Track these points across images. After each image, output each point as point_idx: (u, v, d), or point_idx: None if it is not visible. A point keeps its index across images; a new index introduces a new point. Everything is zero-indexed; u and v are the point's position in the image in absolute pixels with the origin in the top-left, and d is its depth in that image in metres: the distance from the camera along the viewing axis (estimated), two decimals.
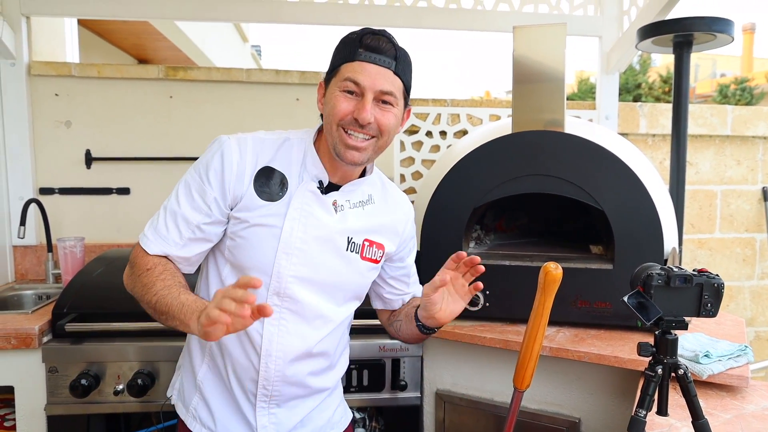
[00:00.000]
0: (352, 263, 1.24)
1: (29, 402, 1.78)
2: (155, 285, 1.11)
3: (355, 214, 1.24)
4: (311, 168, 1.20)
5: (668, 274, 0.99)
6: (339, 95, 1.13)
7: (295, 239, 1.16)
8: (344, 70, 1.13)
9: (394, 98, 1.14)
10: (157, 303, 1.09)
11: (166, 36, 5.02)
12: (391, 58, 1.12)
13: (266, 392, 1.23)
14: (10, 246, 2.40)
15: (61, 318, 1.79)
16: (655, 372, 1.01)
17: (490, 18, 2.55)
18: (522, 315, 1.78)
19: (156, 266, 1.14)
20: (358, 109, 1.11)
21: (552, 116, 1.74)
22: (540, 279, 1.02)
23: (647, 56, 15.97)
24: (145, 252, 1.17)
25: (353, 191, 1.25)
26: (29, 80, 2.39)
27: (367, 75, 1.11)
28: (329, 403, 1.37)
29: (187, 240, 1.17)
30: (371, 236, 1.27)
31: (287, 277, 1.17)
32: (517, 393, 1.11)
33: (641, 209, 1.65)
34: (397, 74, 1.14)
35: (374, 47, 1.11)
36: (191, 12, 2.47)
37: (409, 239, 1.40)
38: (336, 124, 1.13)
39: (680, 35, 1.89)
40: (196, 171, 1.19)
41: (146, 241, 1.18)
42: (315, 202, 1.19)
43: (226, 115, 2.51)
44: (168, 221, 1.17)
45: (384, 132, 1.15)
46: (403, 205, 1.37)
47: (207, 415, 1.28)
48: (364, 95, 1.11)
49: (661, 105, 2.78)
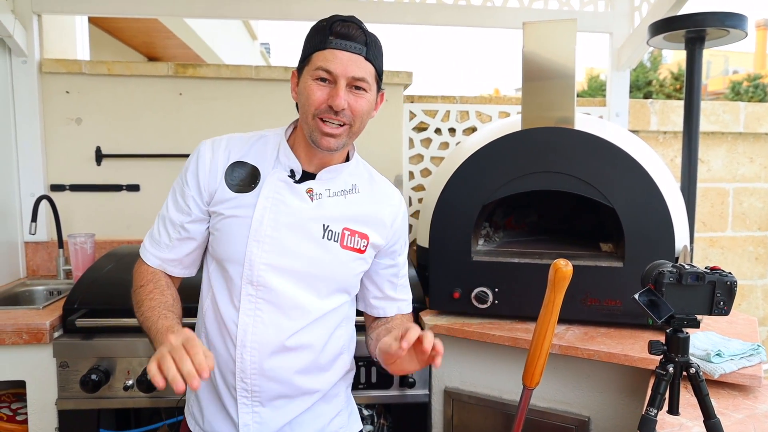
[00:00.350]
0: (330, 252, 1.21)
1: (41, 396, 1.79)
2: (143, 304, 1.18)
3: (333, 203, 1.23)
4: (283, 159, 1.22)
5: (680, 272, 0.98)
6: (312, 84, 1.14)
7: (265, 227, 1.17)
8: (316, 58, 1.14)
9: (367, 84, 1.15)
10: (142, 322, 1.17)
11: (175, 34, 5.04)
12: (361, 44, 1.14)
13: (245, 386, 1.20)
14: (22, 242, 2.42)
15: (71, 313, 1.81)
16: (667, 370, 1.00)
17: (499, 14, 2.54)
18: (531, 312, 1.78)
19: (147, 283, 1.22)
20: (331, 96, 1.12)
21: (562, 113, 1.73)
22: (550, 276, 1.01)
23: (658, 53, 15.86)
24: (141, 264, 1.27)
25: (333, 179, 1.24)
26: (40, 78, 2.40)
27: (338, 62, 1.12)
28: (323, 409, 1.29)
29: (176, 241, 1.24)
30: (352, 225, 1.24)
31: (259, 264, 1.17)
32: (527, 391, 1.11)
33: (652, 207, 1.64)
34: (368, 59, 1.15)
35: (344, 34, 1.13)
36: (202, 9, 2.47)
37: (400, 234, 1.35)
38: (312, 114, 1.14)
39: (693, 31, 1.87)
40: (180, 176, 1.26)
41: (144, 250, 1.27)
42: (286, 190, 1.20)
43: (235, 112, 2.51)
44: (159, 226, 1.26)
45: (357, 117, 1.16)
46: (393, 198, 1.33)
47: (198, 412, 1.28)
48: (337, 82, 1.12)
49: (672, 102, 2.76)
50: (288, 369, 1.21)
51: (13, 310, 1.90)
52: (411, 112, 2.59)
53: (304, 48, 1.18)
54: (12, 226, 2.37)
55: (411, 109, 2.58)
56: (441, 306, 1.83)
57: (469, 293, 1.78)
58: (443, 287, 1.80)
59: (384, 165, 2.56)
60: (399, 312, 1.39)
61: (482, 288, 1.76)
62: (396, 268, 1.36)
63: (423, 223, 2.01)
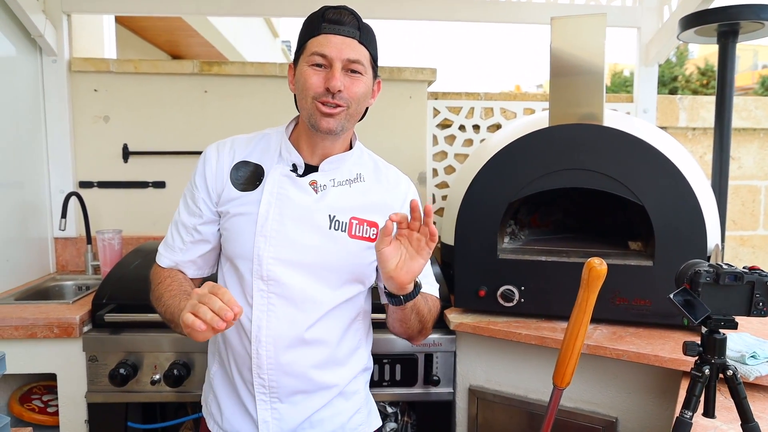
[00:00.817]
0: (338, 242, 1.21)
1: (71, 389, 1.83)
2: (163, 296, 1.21)
3: (338, 192, 1.23)
4: (285, 155, 1.24)
5: (717, 272, 0.95)
6: (308, 70, 1.16)
7: (271, 222, 1.19)
8: (310, 45, 1.16)
9: (362, 66, 1.17)
10: (164, 312, 1.19)
11: (198, 32, 5.08)
12: (354, 28, 1.16)
13: (262, 382, 1.21)
14: (52, 238, 2.47)
15: (100, 308, 1.84)
16: (702, 372, 0.98)
17: (525, 10, 2.51)
18: (558, 311, 1.76)
19: (165, 279, 1.25)
20: (327, 79, 1.14)
21: (590, 109, 1.70)
22: (584, 275, 1.00)
23: (684, 48, 15.55)
24: (156, 267, 1.30)
25: (337, 169, 1.25)
26: (70, 76, 2.44)
27: (332, 46, 1.14)
28: (342, 405, 1.29)
29: (189, 243, 1.27)
30: (360, 214, 1.23)
31: (267, 259, 1.18)
32: (557, 390, 1.09)
33: (684, 205, 1.60)
34: (362, 43, 1.16)
35: (337, 20, 1.15)
36: (227, 7, 2.49)
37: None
38: (310, 98, 1.16)
39: (726, 24, 1.82)
40: (190, 181, 1.29)
41: (159, 256, 1.31)
42: (290, 184, 1.21)
43: (259, 109, 2.53)
44: (173, 231, 1.30)
45: (354, 100, 1.17)
46: (401, 184, 1.32)
47: (216, 410, 1.29)
48: (333, 65, 1.14)
49: (701, 97, 2.70)
50: (304, 363, 1.21)
51: (45, 304, 1.94)
52: (435, 109, 2.57)
53: (299, 39, 1.20)
54: (42, 222, 2.41)
55: (435, 106, 2.57)
56: (466, 304, 1.82)
57: (494, 291, 1.76)
58: (469, 285, 1.79)
59: (407, 162, 2.55)
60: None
61: (508, 286, 1.75)
62: None
63: (448, 220, 2.00)
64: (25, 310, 1.85)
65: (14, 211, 2.21)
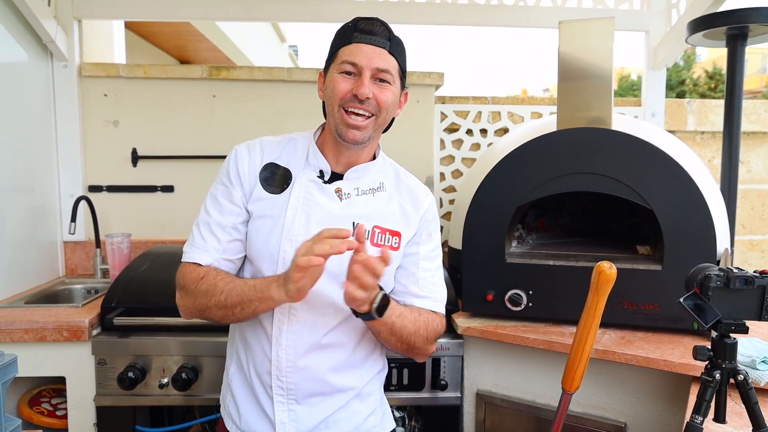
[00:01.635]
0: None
1: (79, 392, 1.84)
2: (217, 285, 1.18)
3: (362, 201, 1.26)
4: (312, 160, 1.26)
5: (728, 276, 0.95)
6: (338, 77, 1.18)
7: (298, 227, 1.20)
8: (341, 53, 1.19)
9: (391, 76, 1.19)
10: (227, 298, 1.16)
11: (207, 37, 5.13)
12: (385, 38, 1.19)
13: (281, 384, 1.22)
14: (61, 241, 2.49)
15: (109, 312, 1.85)
16: (713, 377, 0.97)
17: (532, 14, 2.51)
18: (566, 316, 1.76)
19: (208, 272, 1.21)
20: (356, 86, 1.16)
21: (598, 113, 1.69)
22: (593, 279, 0.99)
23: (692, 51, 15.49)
24: (191, 267, 1.23)
25: (361, 178, 1.27)
26: (80, 81, 2.47)
27: (363, 54, 1.16)
28: (358, 407, 1.30)
29: (226, 243, 1.24)
30: (382, 223, 1.26)
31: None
32: (566, 395, 1.09)
33: (693, 209, 1.59)
34: (392, 54, 1.19)
35: (368, 30, 1.18)
36: (235, 12, 2.50)
37: (425, 225, 1.32)
38: (337, 105, 1.18)
39: (735, 27, 1.81)
40: (218, 182, 1.28)
41: (187, 255, 1.25)
42: (317, 190, 1.23)
43: (268, 113, 2.54)
44: (203, 232, 1.25)
45: (382, 109, 1.19)
46: (419, 193, 1.34)
47: (234, 410, 1.30)
48: (362, 73, 1.17)
49: (710, 101, 2.68)
50: (322, 367, 1.23)
51: (54, 307, 1.95)
52: (442, 113, 2.57)
53: (331, 48, 1.23)
54: (52, 226, 2.43)
55: (442, 110, 2.57)
56: (474, 308, 1.82)
57: (502, 295, 1.76)
58: (476, 289, 1.79)
59: (415, 166, 2.55)
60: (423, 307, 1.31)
61: (516, 290, 1.74)
62: (415, 256, 1.31)
63: (455, 224, 2.00)
64: (34, 313, 1.87)
65: (24, 215, 2.23)
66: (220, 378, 1.79)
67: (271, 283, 1.13)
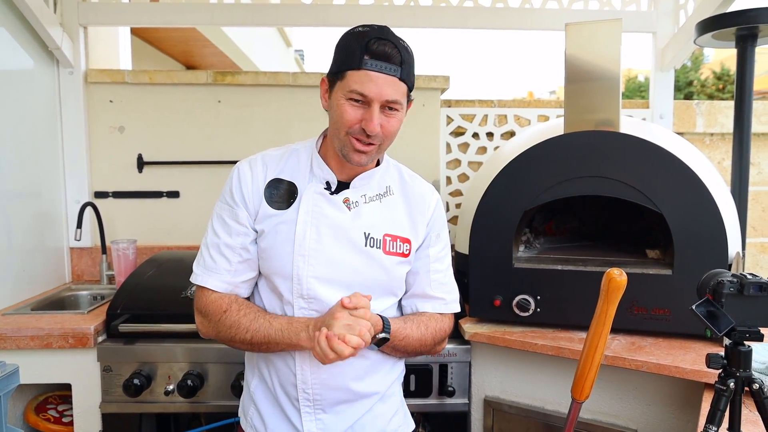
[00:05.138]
0: (374, 259, 1.23)
1: (85, 399, 1.83)
2: (241, 323, 1.19)
3: (371, 209, 1.25)
4: (317, 171, 1.25)
5: (741, 282, 0.93)
6: (345, 104, 1.14)
7: (309, 241, 1.20)
8: (350, 78, 1.13)
9: (400, 104, 1.17)
10: (252, 338, 1.18)
11: (213, 42, 5.14)
12: (396, 64, 1.13)
13: (307, 396, 1.24)
14: (68, 248, 2.49)
15: (114, 318, 1.84)
16: (727, 386, 0.95)
17: (538, 16, 2.49)
18: (575, 321, 1.73)
19: (231, 305, 1.22)
20: (365, 120, 1.13)
21: (606, 116, 1.68)
22: (603, 286, 0.97)
23: (699, 52, 15.41)
24: (208, 293, 1.24)
25: (367, 185, 1.26)
26: (86, 88, 2.47)
27: (373, 85, 1.11)
28: (382, 410, 1.33)
29: (236, 264, 1.24)
30: (392, 230, 1.26)
31: (307, 278, 1.20)
32: (576, 404, 1.07)
33: (703, 212, 1.57)
34: (402, 79, 1.15)
35: (381, 54, 1.11)
36: (241, 18, 2.50)
37: (433, 227, 1.34)
38: (344, 131, 1.16)
39: (744, 28, 1.79)
40: (223, 201, 1.26)
41: (203, 279, 1.24)
42: (324, 202, 1.22)
43: (273, 118, 2.53)
44: (213, 254, 1.24)
45: (388, 137, 1.19)
46: (426, 195, 1.34)
47: (260, 423, 1.30)
48: (371, 105, 1.13)
49: (719, 102, 2.65)
50: (346, 376, 1.25)
51: (60, 314, 1.95)
52: (448, 117, 2.56)
53: (338, 58, 1.17)
54: (58, 232, 2.43)
55: (448, 114, 2.56)
56: (481, 314, 1.80)
57: (510, 301, 1.74)
58: (484, 295, 1.77)
59: (421, 170, 2.50)
60: (434, 310, 1.35)
61: (524, 295, 1.72)
62: (427, 260, 1.33)
63: (462, 228, 1.98)
64: (40, 320, 1.86)
65: (31, 221, 2.23)
66: (225, 385, 1.79)
67: (300, 332, 1.16)
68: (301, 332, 1.16)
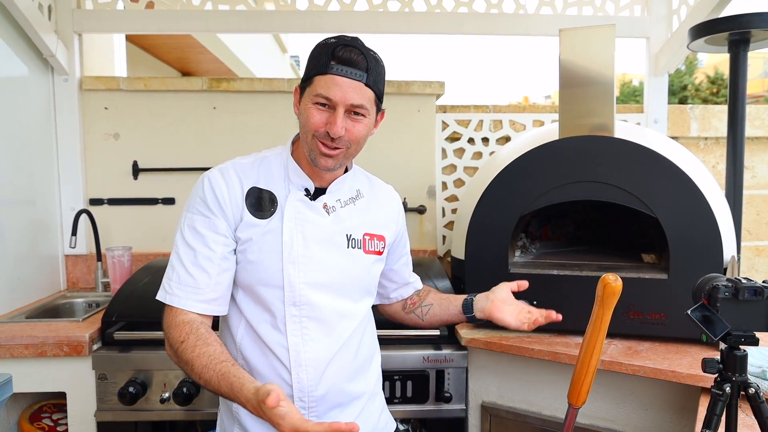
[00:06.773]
0: (356, 259, 1.27)
1: (80, 408, 1.82)
2: (194, 365, 1.10)
3: (348, 212, 1.28)
4: (295, 178, 1.25)
5: (736, 286, 0.93)
6: (312, 108, 1.16)
7: (297, 247, 1.20)
8: (317, 83, 1.15)
9: (366, 110, 1.17)
10: (204, 383, 1.09)
11: (208, 49, 5.14)
12: (362, 70, 1.14)
13: (303, 404, 1.22)
14: (62, 255, 2.48)
15: (110, 326, 1.83)
16: (723, 390, 0.95)
17: (532, 22, 2.50)
18: (572, 326, 1.72)
19: (188, 337, 1.13)
20: (330, 123, 1.14)
21: (601, 120, 1.68)
22: (598, 291, 0.97)
23: (693, 57, 15.51)
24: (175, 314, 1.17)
25: (340, 189, 1.29)
26: (81, 95, 2.47)
27: (338, 89, 1.13)
28: (371, 410, 1.35)
29: (217, 276, 1.18)
30: (370, 229, 1.31)
31: (299, 285, 1.20)
32: (572, 410, 1.06)
33: (698, 216, 1.57)
34: (368, 85, 1.16)
35: (346, 60, 1.13)
36: (236, 24, 2.50)
37: (402, 225, 1.45)
38: (311, 135, 1.17)
39: (737, 33, 1.80)
40: (194, 212, 1.20)
41: (175, 299, 1.17)
42: (306, 208, 1.23)
43: (269, 125, 2.53)
44: (190, 269, 1.17)
45: (354, 142, 1.19)
46: (392, 195, 1.43)
47: None
48: (336, 109, 1.14)
49: (713, 107, 2.67)
50: (339, 377, 1.25)
51: (55, 322, 1.93)
52: (443, 122, 2.56)
53: (307, 67, 1.20)
54: (53, 239, 2.42)
55: (443, 119, 2.56)
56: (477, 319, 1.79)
57: None
58: None
59: (416, 176, 2.54)
60: (415, 289, 1.53)
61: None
62: (408, 255, 1.50)
63: (457, 234, 1.98)
64: (35, 328, 1.85)
65: (25, 229, 2.22)
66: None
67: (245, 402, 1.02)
68: (246, 403, 1.02)
